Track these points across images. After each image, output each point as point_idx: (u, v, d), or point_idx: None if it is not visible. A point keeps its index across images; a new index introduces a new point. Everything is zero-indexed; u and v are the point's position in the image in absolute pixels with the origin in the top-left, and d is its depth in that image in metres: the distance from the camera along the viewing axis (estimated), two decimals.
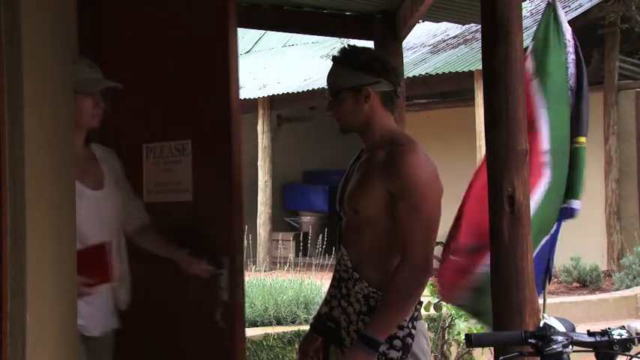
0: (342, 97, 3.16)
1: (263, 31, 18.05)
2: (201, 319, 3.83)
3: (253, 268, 13.49)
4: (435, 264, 3.27)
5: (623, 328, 2.50)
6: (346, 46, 3.23)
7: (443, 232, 3.20)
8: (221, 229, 3.77)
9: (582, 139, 3.92)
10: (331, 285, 3.26)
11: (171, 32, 3.97)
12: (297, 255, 14.54)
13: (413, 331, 3.07)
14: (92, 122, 3.50)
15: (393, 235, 3.06)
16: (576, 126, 3.90)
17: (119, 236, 3.68)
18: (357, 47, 3.24)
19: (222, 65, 3.76)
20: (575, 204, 3.89)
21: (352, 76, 3.14)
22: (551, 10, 3.95)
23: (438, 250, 3.20)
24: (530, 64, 3.87)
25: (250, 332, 7.63)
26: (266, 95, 15.18)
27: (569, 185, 3.88)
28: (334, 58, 3.23)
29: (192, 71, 3.90)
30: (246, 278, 9.17)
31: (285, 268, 10.21)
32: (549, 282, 4.02)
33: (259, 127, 15.15)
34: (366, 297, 3.08)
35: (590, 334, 2.49)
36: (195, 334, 3.85)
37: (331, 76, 3.22)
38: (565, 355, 2.45)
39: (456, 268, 3.95)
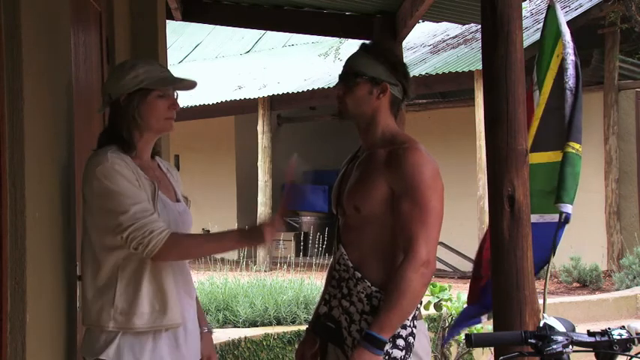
0: (358, 81, 3.14)
1: (263, 31, 18.05)
2: None
3: (253, 268, 13.48)
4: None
5: (623, 328, 2.50)
6: (378, 40, 3.23)
7: (443, 230, 3.18)
8: None
9: (577, 146, 3.89)
10: (330, 285, 3.25)
11: None
12: (297, 255, 14.54)
13: (414, 330, 3.07)
14: (165, 126, 3.05)
15: (396, 232, 3.06)
16: (573, 131, 3.89)
17: None
18: (387, 44, 3.24)
19: None
20: (569, 208, 3.88)
21: (376, 68, 3.14)
22: (552, 12, 3.95)
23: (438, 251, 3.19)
24: (534, 74, 3.88)
25: (250, 332, 7.64)
26: (266, 95, 15.18)
27: (567, 190, 3.86)
28: (364, 46, 3.21)
29: None
30: (246, 278, 9.20)
31: (285, 268, 10.21)
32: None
33: (259, 127, 15.15)
34: (368, 296, 3.08)
35: (590, 334, 2.49)
36: None
37: (354, 59, 3.19)
38: (565, 355, 2.45)
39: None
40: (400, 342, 3.04)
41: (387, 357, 3.01)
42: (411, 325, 3.06)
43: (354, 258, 3.13)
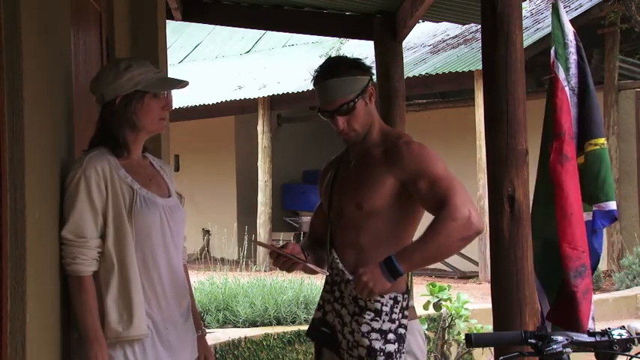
0: (354, 105, 3.14)
1: (263, 31, 18.04)
2: None
3: (253, 268, 13.49)
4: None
5: (623, 328, 2.50)
6: (327, 60, 3.24)
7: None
8: None
9: (602, 141, 3.92)
10: (324, 290, 3.27)
11: None
12: None
13: (404, 321, 3.08)
14: (158, 127, 3.09)
15: (398, 226, 3.12)
16: (590, 128, 3.90)
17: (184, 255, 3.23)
18: (336, 56, 3.29)
19: None
20: (613, 205, 3.90)
21: (355, 81, 3.14)
22: (555, 12, 3.95)
23: None
24: (560, 70, 3.85)
25: (250, 332, 7.64)
26: (266, 95, 15.18)
27: (604, 188, 3.86)
28: (326, 75, 3.16)
29: None
30: (246, 278, 9.19)
31: None
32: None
33: (259, 127, 15.15)
34: (355, 297, 3.10)
35: (590, 334, 2.49)
36: None
37: (332, 91, 3.14)
38: (565, 355, 2.45)
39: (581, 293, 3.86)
40: (390, 336, 3.06)
41: (381, 354, 3.02)
42: (399, 317, 3.08)
43: (348, 258, 3.16)
